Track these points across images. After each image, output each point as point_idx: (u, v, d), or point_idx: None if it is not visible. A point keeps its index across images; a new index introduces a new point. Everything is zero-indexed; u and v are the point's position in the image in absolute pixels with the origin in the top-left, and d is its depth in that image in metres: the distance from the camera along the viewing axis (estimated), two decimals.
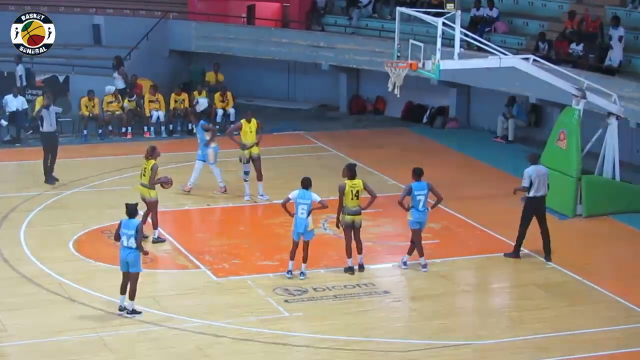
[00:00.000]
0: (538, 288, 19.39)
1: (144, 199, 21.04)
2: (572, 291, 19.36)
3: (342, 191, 19.63)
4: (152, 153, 21.19)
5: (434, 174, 21.93)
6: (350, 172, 19.77)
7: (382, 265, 20.65)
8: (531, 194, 20.58)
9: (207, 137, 24.26)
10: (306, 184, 19.44)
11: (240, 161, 24.14)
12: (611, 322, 17.95)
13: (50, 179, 25.17)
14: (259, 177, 24.04)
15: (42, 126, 25.38)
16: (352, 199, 19.63)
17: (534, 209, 20.65)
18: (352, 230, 19.78)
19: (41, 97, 27.74)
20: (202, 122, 24.88)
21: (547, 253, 20.78)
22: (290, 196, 19.39)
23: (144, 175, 21.11)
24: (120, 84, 31.30)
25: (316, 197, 19.39)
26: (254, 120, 23.99)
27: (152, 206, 21.09)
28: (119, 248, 17.74)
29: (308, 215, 19.26)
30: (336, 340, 17.02)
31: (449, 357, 16.57)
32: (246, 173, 24.11)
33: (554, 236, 22.10)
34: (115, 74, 31.50)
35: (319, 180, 22.89)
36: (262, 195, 24.14)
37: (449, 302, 18.80)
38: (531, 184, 20.48)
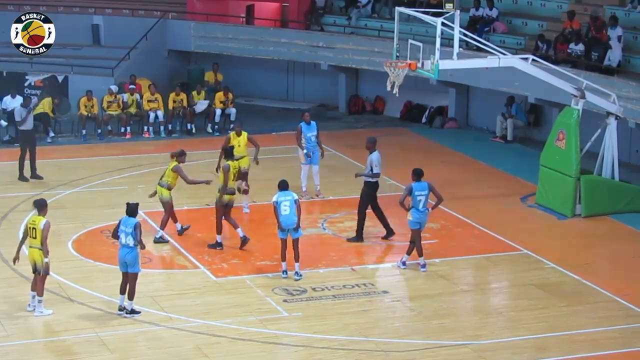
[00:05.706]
0: (537, 288, 19.39)
1: (160, 199, 21.18)
2: (571, 291, 19.35)
3: (226, 171, 20.57)
4: (179, 155, 21.34)
5: (433, 173, 21.93)
6: (226, 152, 21.08)
7: (381, 265, 20.67)
8: (374, 179, 21.31)
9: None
10: (283, 186, 19.55)
11: None
12: (610, 321, 17.96)
13: (23, 177, 25.29)
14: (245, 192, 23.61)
15: (24, 124, 25.52)
16: (232, 179, 20.66)
17: (374, 194, 21.38)
18: (225, 208, 20.72)
19: (39, 98, 27.78)
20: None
21: (390, 230, 21.43)
22: (273, 199, 19.44)
23: (163, 174, 21.19)
24: None
25: (295, 196, 19.43)
26: (244, 134, 23.56)
27: (165, 206, 21.18)
28: (117, 248, 17.77)
29: (293, 211, 19.26)
30: (335, 340, 17.02)
31: (447, 357, 16.57)
32: None
33: (552, 236, 22.15)
34: None
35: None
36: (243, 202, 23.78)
37: (448, 302, 18.78)
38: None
